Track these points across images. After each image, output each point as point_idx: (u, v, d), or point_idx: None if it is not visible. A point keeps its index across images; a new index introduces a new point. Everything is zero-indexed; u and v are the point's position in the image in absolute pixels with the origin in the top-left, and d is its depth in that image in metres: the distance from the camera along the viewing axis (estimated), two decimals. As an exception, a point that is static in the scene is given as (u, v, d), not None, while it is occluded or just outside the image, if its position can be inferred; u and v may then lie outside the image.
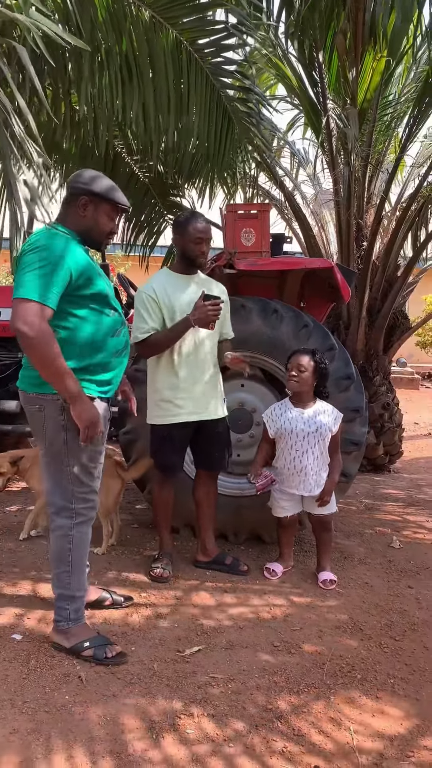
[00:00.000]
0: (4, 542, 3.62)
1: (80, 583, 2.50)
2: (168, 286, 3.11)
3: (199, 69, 4.13)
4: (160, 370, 3.13)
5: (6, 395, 4.46)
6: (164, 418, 3.14)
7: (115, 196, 2.45)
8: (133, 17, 3.75)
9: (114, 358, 2.48)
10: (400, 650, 2.61)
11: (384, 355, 6.18)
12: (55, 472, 2.43)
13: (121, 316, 2.53)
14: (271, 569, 3.30)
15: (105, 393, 2.48)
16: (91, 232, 2.44)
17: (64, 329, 2.33)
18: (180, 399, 3.11)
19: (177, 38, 3.93)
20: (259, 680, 2.35)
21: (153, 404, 3.19)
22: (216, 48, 4.17)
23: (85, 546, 2.52)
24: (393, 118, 6.16)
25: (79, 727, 2.02)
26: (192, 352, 3.11)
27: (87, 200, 2.40)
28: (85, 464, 2.44)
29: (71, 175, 2.49)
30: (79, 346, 2.35)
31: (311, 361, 3.18)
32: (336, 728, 2.10)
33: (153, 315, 3.06)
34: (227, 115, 4.45)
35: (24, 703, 2.13)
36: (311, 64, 5.52)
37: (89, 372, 2.39)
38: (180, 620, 2.78)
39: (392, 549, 3.78)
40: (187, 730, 2.04)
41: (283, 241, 4.36)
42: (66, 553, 2.46)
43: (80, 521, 2.47)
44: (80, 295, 2.33)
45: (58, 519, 2.47)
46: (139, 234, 6.11)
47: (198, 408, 3.14)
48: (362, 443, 3.65)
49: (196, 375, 3.13)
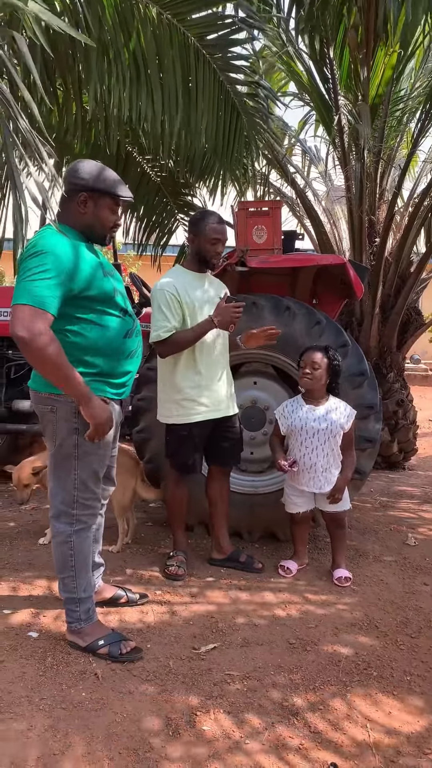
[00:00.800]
0: (20, 541, 3.65)
1: (86, 585, 2.49)
2: (187, 284, 3.11)
3: (207, 65, 4.12)
4: (181, 368, 3.11)
5: (20, 395, 4.49)
6: (186, 417, 3.12)
7: (116, 189, 2.38)
8: (141, 15, 3.74)
9: (127, 360, 2.46)
10: (416, 647, 2.60)
11: (397, 352, 6.15)
12: (62, 474, 2.40)
13: (131, 317, 2.50)
14: (286, 567, 3.30)
15: (119, 395, 2.47)
16: (93, 228, 2.39)
17: (74, 334, 2.29)
18: (203, 397, 3.12)
19: (185, 35, 3.92)
20: (275, 677, 2.35)
21: (172, 403, 3.15)
22: (225, 43, 4.15)
23: (87, 549, 2.50)
24: (405, 113, 6.12)
25: (96, 724, 2.03)
26: (210, 351, 3.13)
27: (86, 196, 2.34)
28: (94, 469, 2.43)
29: (67, 169, 2.40)
30: (90, 350, 2.32)
31: (324, 358, 3.17)
32: (352, 725, 2.09)
33: (175, 313, 3.04)
34: (236, 111, 4.43)
35: (41, 700, 2.14)
36: (322, 60, 5.50)
37: (103, 375, 2.37)
38: (195, 618, 2.79)
39: (407, 546, 3.76)
40: (204, 727, 2.05)
41: (295, 238, 4.35)
42: (68, 559, 2.44)
43: (80, 528, 2.45)
44: (85, 297, 2.27)
45: (58, 524, 2.45)
46: (151, 234, 6.11)
47: (218, 405, 3.17)
48: (376, 440, 3.64)
49: (215, 373, 3.15)
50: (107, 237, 2.46)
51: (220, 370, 3.18)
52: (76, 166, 2.38)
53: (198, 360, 3.10)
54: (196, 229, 3.11)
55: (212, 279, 3.29)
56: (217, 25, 4.08)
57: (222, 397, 3.19)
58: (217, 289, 3.26)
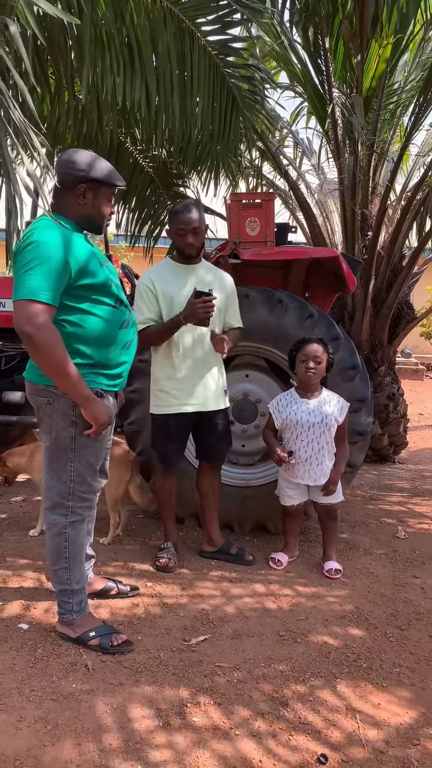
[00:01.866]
0: (10, 533, 3.63)
1: (79, 577, 2.49)
2: (168, 276, 3.09)
3: (202, 48, 4.07)
4: (159, 360, 3.13)
5: (10, 386, 4.46)
6: (161, 408, 3.15)
7: (116, 179, 2.38)
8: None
9: (123, 350, 2.45)
10: (406, 639, 2.62)
11: (389, 346, 6.16)
12: (59, 467, 2.39)
13: (128, 307, 2.49)
14: (277, 559, 3.31)
15: (114, 386, 2.46)
16: (92, 219, 2.39)
17: (71, 324, 2.28)
18: (176, 389, 3.10)
19: (179, 17, 3.87)
20: (265, 669, 2.36)
21: (153, 394, 3.20)
22: (220, 25, 4.10)
23: (82, 541, 2.50)
24: (398, 106, 6.11)
25: (87, 716, 2.03)
26: (191, 344, 3.09)
27: (86, 187, 2.32)
28: (90, 461, 2.42)
29: (60, 159, 2.37)
30: (87, 341, 2.31)
31: (325, 352, 3.17)
32: (342, 717, 2.10)
33: (150, 306, 3.05)
34: (232, 96, 4.39)
35: (31, 692, 2.14)
36: (316, 51, 5.47)
37: (99, 366, 2.36)
38: (186, 610, 2.79)
39: (397, 539, 3.78)
40: (194, 718, 2.05)
41: (287, 231, 4.34)
42: (62, 550, 2.44)
43: (75, 520, 2.44)
44: (81, 286, 2.27)
45: (53, 515, 2.44)
46: (144, 225, 6.08)
47: (196, 399, 3.12)
48: (367, 433, 3.65)
49: (195, 366, 3.10)
50: (102, 226, 2.46)
51: (198, 364, 3.10)
52: (72, 156, 2.35)
53: (173, 353, 3.08)
54: (169, 221, 3.12)
55: (209, 271, 3.22)
56: (212, 7, 4.03)
57: (200, 391, 3.12)
58: (214, 282, 3.17)
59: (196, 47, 4.05)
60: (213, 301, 2.92)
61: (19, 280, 2.17)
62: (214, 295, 2.95)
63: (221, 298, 3.13)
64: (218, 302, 3.06)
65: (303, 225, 6.64)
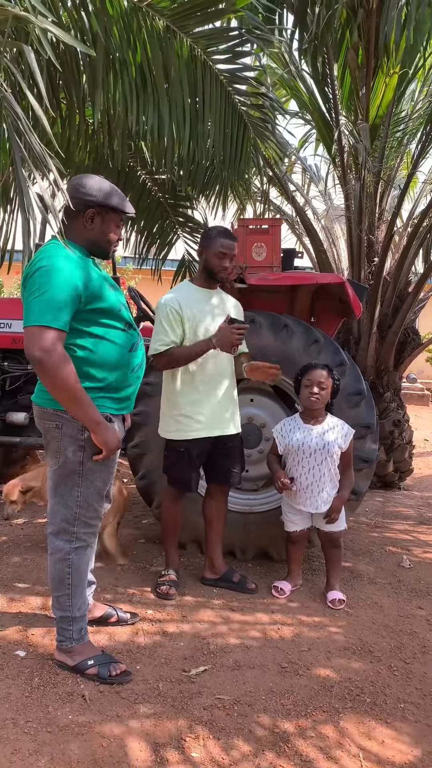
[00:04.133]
0: (10, 556, 3.59)
1: (81, 604, 2.45)
2: (192, 301, 3.09)
3: (214, 77, 4.14)
4: (179, 384, 3.10)
5: (15, 407, 4.45)
6: (183, 433, 3.10)
7: (125, 207, 2.40)
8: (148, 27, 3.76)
9: (131, 374, 2.44)
10: (411, 673, 2.55)
11: (394, 371, 6.14)
12: (65, 492, 2.37)
13: (135, 330, 2.49)
14: (279, 587, 3.25)
15: (123, 410, 2.45)
16: (99, 244, 2.40)
17: (81, 348, 2.28)
18: (200, 414, 3.08)
19: (191, 46, 3.94)
20: (266, 702, 2.30)
21: (170, 419, 3.14)
22: (231, 55, 4.17)
23: (85, 567, 2.46)
24: (405, 134, 6.16)
25: (83, 749, 1.98)
26: (212, 368, 3.09)
27: (94, 212, 2.34)
28: (98, 486, 2.40)
29: (71, 183, 2.38)
30: (97, 364, 2.31)
31: (330, 377, 3.15)
32: (344, 754, 2.05)
33: (175, 328, 3.04)
34: (243, 123, 4.45)
35: (26, 723, 2.09)
36: (324, 79, 5.54)
37: (107, 390, 2.35)
38: (186, 639, 2.74)
39: (402, 568, 3.72)
40: (193, 753, 2.00)
41: (294, 256, 4.34)
42: (65, 576, 2.40)
43: (79, 546, 2.41)
44: (91, 311, 2.27)
45: (57, 541, 2.40)
46: (151, 246, 6.11)
47: (216, 423, 3.12)
48: (373, 460, 3.61)
49: (215, 390, 3.11)
50: (110, 252, 2.47)
51: (220, 389, 3.12)
52: (82, 180, 2.36)
53: (197, 377, 3.08)
54: (206, 243, 3.11)
55: (225, 297, 3.27)
56: (224, 37, 4.10)
57: (221, 415, 3.13)
58: (228, 308, 3.20)
59: (208, 75, 4.11)
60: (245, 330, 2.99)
61: (30, 306, 2.17)
62: (247, 324, 3.02)
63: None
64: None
65: (309, 250, 6.67)
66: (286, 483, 3.15)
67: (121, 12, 3.67)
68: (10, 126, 2.42)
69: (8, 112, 2.42)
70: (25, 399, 4.43)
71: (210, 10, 3.86)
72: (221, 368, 3.13)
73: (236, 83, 4.31)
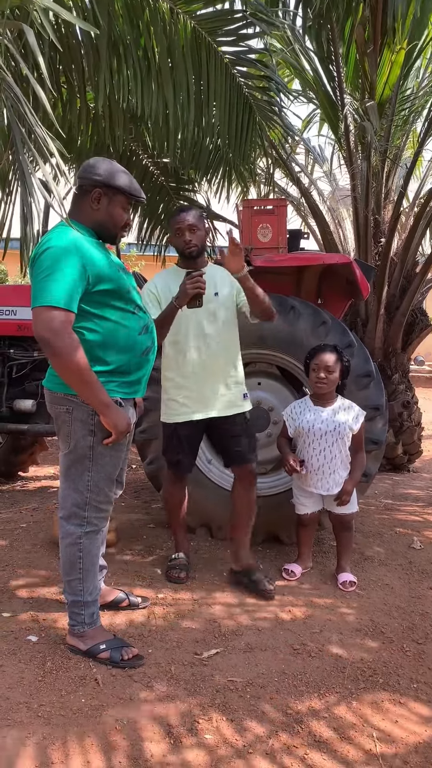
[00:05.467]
0: (21, 543, 3.60)
1: (92, 588, 2.45)
2: (170, 281, 3.05)
3: (219, 59, 4.09)
4: (165, 368, 3.10)
5: (22, 394, 4.44)
6: (169, 416, 3.11)
7: (132, 188, 2.38)
8: (152, 9, 3.70)
9: (142, 358, 2.42)
10: (423, 654, 2.55)
11: (402, 353, 6.09)
12: (75, 476, 2.36)
13: (146, 313, 2.48)
14: (290, 570, 3.25)
15: (133, 393, 2.43)
16: (105, 226, 2.38)
17: (89, 331, 2.27)
18: (184, 397, 3.05)
19: (196, 29, 3.88)
20: (279, 684, 2.30)
21: (162, 402, 3.16)
22: (235, 37, 4.12)
23: (96, 552, 2.46)
24: (411, 112, 6.07)
25: (96, 732, 1.98)
26: (196, 349, 3.02)
27: (101, 192, 2.32)
28: (108, 471, 2.39)
29: (81, 167, 2.40)
30: (106, 347, 2.29)
31: (338, 360, 3.12)
32: (358, 734, 2.04)
33: (151, 307, 2.95)
34: (248, 106, 4.40)
35: (40, 706, 2.09)
36: (329, 57, 5.45)
37: (117, 374, 2.34)
38: (197, 622, 2.74)
39: (413, 550, 3.70)
40: (206, 735, 2.00)
41: (300, 237, 4.30)
42: (77, 560, 2.40)
43: (90, 530, 2.40)
44: (100, 292, 2.26)
45: (68, 525, 2.40)
46: (154, 231, 6.07)
47: (204, 407, 3.05)
48: (382, 442, 3.59)
49: (201, 372, 3.03)
50: (117, 237, 2.45)
51: (206, 371, 3.02)
52: (93, 162, 2.38)
53: (179, 360, 3.04)
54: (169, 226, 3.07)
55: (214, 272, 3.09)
56: (228, 19, 4.05)
57: (209, 398, 3.04)
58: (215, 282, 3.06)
59: (213, 58, 4.05)
60: (203, 276, 2.79)
61: (37, 287, 2.16)
62: (202, 271, 2.85)
63: (228, 289, 3.08)
64: (226, 294, 3.04)
65: (315, 232, 6.60)
66: (295, 466, 3.14)
67: None
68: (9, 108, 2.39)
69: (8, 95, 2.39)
70: (31, 386, 4.42)
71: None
72: (208, 350, 3.02)
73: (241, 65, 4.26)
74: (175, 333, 3.00)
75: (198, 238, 3.01)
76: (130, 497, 4.62)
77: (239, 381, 3.15)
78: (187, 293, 2.77)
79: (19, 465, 5.00)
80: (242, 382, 3.17)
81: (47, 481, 5.13)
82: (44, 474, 5.36)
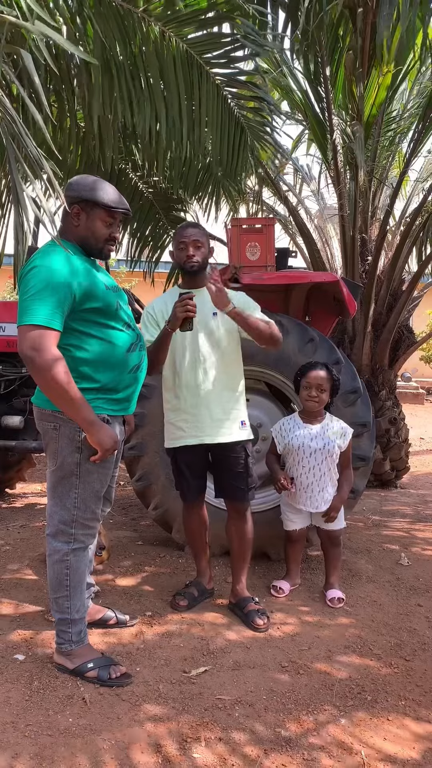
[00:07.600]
0: (7, 560, 3.57)
1: (80, 606, 2.43)
2: (171, 303, 3.01)
3: (210, 81, 4.14)
4: (163, 392, 3.06)
5: (10, 410, 4.43)
6: (168, 441, 3.05)
7: (105, 199, 2.32)
8: (143, 32, 3.76)
9: (130, 375, 2.42)
10: (411, 671, 2.55)
11: (389, 370, 6.14)
12: (62, 493, 2.36)
13: (135, 330, 2.47)
14: (278, 587, 3.25)
15: (121, 411, 2.43)
16: (87, 241, 2.36)
17: (77, 348, 2.27)
18: (181, 420, 2.96)
19: (187, 51, 3.94)
20: (267, 702, 2.29)
21: (164, 426, 3.08)
22: (226, 60, 4.19)
23: (83, 569, 2.45)
24: (397, 133, 6.18)
25: (84, 752, 1.97)
26: (194, 373, 2.93)
27: (78, 208, 2.32)
28: (95, 488, 2.39)
29: (66, 185, 2.41)
30: (93, 364, 2.29)
31: (329, 378, 3.14)
32: (347, 752, 2.04)
33: (149, 329, 2.94)
34: (239, 126, 4.45)
35: (27, 726, 2.08)
36: (317, 79, 5.54)
37: (105, 391, 2.33)
38: (185, 640, 2.73)
39: (401, 566, 3.72)
40: (195, 754, 1.99)
41: (288, 255, 4.35)
42: (64, 578, 2.39)
43: (77, 547, 2.40)
44: (87, 310, 2.26)
45: (55, 542, 2.39)
46: (143, 249, 6.10)
47: (200, 431, 2.92)
48: (370, 458, 3.61)
49: (197, 394, 2.93)
50: (103, 250, 2.42)
51: (201, 392, 2.92)
52: (75, 179, 2.39)
53: (175, 383, 2.97)
54: (172, 244, 3.05)
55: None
56: (219, 42, 4.11)
57: (205, 422, 2.92)
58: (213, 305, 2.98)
59: (205, 80, 4.11)
60: (192, 299, 2.72)
61: (23, 306, 2.17)
62: (192, 293, 2.77)
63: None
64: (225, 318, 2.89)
65: (303, 250, 6.68)
66: (286, 484, 3.15)
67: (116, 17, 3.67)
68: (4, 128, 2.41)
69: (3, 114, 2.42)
70: (19, 402, 4.41)
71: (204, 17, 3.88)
72: (205, 373, 2.93)
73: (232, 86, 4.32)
74: (173, 354, 2.94)
75: (200, 254, 2.95)
76: (118, 514, 4.61)
77: (239, 407, 3.01)
78: (178, 317, 2.71)
79: (6, 482, 4.98)
80: (242, 408, 3.04)
81: (35, 497, 5.10)
82: (32, 491, 5.33)
